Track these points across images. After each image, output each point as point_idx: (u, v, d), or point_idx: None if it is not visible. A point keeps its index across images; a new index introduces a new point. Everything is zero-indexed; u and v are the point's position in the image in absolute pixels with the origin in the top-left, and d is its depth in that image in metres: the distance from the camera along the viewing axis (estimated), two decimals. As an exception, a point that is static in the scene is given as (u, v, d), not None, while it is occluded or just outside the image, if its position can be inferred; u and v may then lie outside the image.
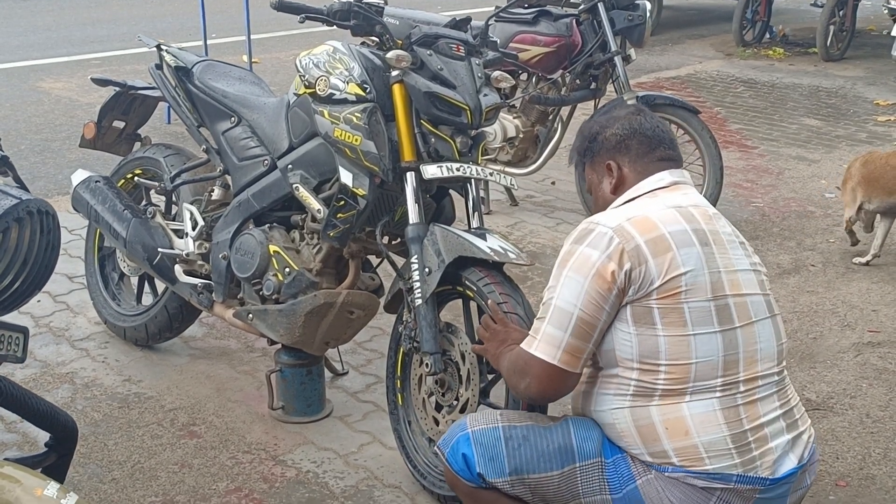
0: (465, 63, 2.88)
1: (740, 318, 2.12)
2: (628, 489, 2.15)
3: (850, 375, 3.64)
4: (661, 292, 2.06)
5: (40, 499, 1.71)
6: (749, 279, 2.17)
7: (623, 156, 2.28)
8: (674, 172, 2.27)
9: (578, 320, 2.09)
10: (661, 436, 2.09)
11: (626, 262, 2.06)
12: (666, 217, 2.14)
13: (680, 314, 2.07)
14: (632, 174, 2.27)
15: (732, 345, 2.11)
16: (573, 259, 2.12)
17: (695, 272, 2.08)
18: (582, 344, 2.12)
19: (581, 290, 2.09)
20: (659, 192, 2.23)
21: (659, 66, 9.35)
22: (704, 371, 2.08)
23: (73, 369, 3.59)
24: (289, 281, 3.03)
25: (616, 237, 2.09)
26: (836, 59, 9.64)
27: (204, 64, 3.48)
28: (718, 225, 2.20)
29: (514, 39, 4.96)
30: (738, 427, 2.09)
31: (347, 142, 2.85)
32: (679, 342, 2.07)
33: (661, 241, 2.09)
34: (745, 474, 2.08)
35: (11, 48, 9.01)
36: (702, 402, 2.08)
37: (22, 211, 1.84)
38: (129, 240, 3.47)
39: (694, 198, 2.24)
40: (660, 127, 2.32)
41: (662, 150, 2.28)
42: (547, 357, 2.12)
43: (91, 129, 3.82)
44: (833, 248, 4.90)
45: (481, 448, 2.23)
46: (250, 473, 3.00)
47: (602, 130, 2.32)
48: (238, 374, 3.59)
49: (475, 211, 2.92)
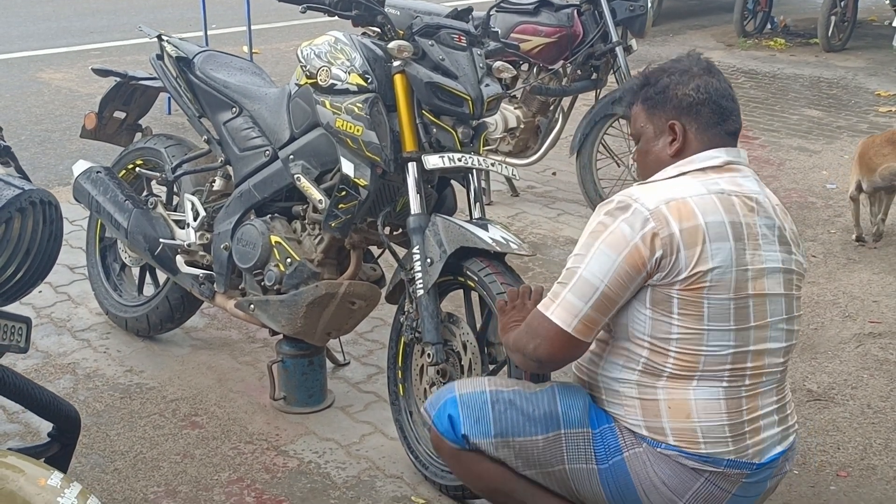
0: (467, 53, 2.88)
1: (756, 318, 2.12)
2: (614, 460, 2.17)
3: (852, 366, 3.64)
4: (684, 283, 2.05)
5: (43, 488, 1.71)
6: (776, 279, 2.14)
7: (692, 121, 2.18)
8: (730, 151, 2.19)
9: (602, 295, 2.08)
10: (662, 413, 2.12)
11: (658, 249, 2.04)
12: (706, 205, 2.08)
13: (698, 307, 2.06)
14: (696, 142, 2.18)
15: (744, 342, 2.11)
16: (607, 232, 2.08)
17: (722, 269, 2.05)
18: (600, 317, 2.12)
19: (612, 267, 2.06)
20: (709, 171, 2.16)
21: (660, 57, 9.30)
22: (713, 361, 2.09)
23: (74, 360, 3.59)
24: (290, 271, 3.03)
25: (652, 220, 2.05)
26: (837, 49, 9.62)
27: (205, 54, 3.47)
28: (757, 218, 2.13)
29: (516, 30, 4.95)
30: (737, 417, 2.13)
31: (349, 132, 2.85)
32: (692, 333, 2.08)
33: (695, 231, 2.05)
34: (735, 459, 2.12)
35: (11, 38, 9.00)
36: (708, 389, 2.11)
37: (24, 201, 1.84)
38: (130, 230, 3.47)
39: (742, 183, 2.16)
40: (731, 95, 2.22)
41: (731, 123, 2.20)
42: (562, 323, 2.11)
43: (92, 120, 3.82)
44: (834, 238, 4.90)
45: (468, 410, 2.26)
46: (252, 464, 3.00)
47: (674, 86, 2.19)
48: (240, 365, 3.60)
49: (477, 201, 2.92)
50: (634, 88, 2.29)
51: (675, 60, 2.27)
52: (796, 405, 3.33)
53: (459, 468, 2.34)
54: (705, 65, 2.24)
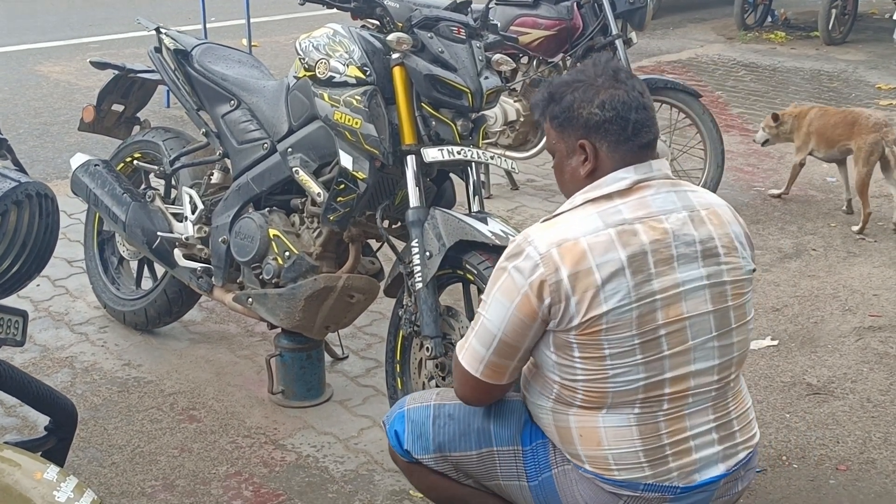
0: (466, 46, 2.86)
1: (671, 345, 2.00)
2: (544, 477, 2.15)
3: (851, 360, 3.63)
4: (579, 329, 1.97)
5: (40, 482, 1.71)
6: (697, 297, 2.02)
7: (602, 139, 2.06)
8: (640, 168, 2.06)
9: (501, 342, 2.04)
10: (575, 441, 2.07)
11: (546, 297, 1.97)
12: (600, 244, 1.97)
13: (599, 349, 1.98)
14: (608, 160, 2.07)
15: (657, 371, 2.01)
16: (502, 280, 2.04)
17: (620, 309, 1.96)
18: (505, 361, 2.08)
19: (506, 315, 2.02)
20: (615, 197, 2.05)
21: (660, 50, 9.32)
22: (622, 394, 2.01)
23: (72, 353, 3.58)
24: (289, 265, 3.02)
25: (541, 266, 1.97)
26: (837, 42, 9.61)
27: (203, 47, 3.46)
28: (670, 238, 2.00)
29: (515, 23, 4.93)
30: (654, 442, 2.03)
31: (347, 125, 2.83)
32: (595, 372, 2.00)
33: (585, 275, 1.96)
34: (655, 483, 2.04)
35: (9, 31, 8.98)
36: (618, 416, 2.03)
37: (21, 194, 1.82)
38: (128, 224, 3.46)
39: (651, 203, 2.04)
40: (641, 104, 2.07)
41: (644, 135, 2.07)
42: (470, 369, 2.10)
43: (90, 113, 3.80)
44: (834, 232, 4.89)
45: (412, 425, 2.26)
46: (250, 458, 3.00)
47: (579, 104, 2.07)
48: (238, 359, 3.59)
49: (476, 194, 2.91)
50: (541, 105, 2.17)
51: (579, 70, 2.14)
52: (795, 399, 3.35)
53: (412, 480, 2.37)
54: (611, 73, 2.09)
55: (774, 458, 3.03)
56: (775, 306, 4.06)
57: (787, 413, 3.29)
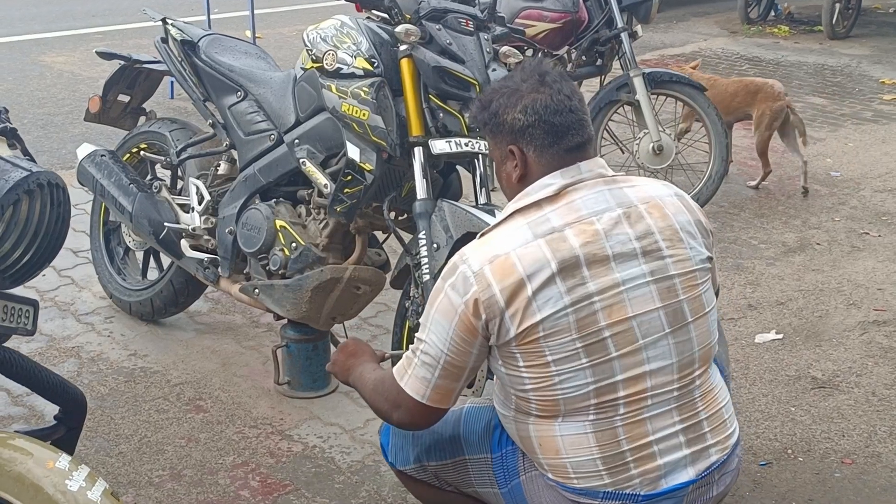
0: (474, 38, 2.87)
1: (619, 346, 1.96)
2: (513, 483, 2.15)
3: (856, 354, 3.64)
4: (519, 339, 1.96)
5: (52, 471, 1.71)
6: (642, 295, 1.98)
7: (528, 144, 2.05)
8: (567, 172, 2.03)
9: (446, 363, 2.02)
10: (536, 450, 2.05)
11: (482, 313, 1.96)
12: (529, 255, 1.95)
13: (541, 356, 1.96)
14: (537, 165, 2.05)
15: (607, 374, 1.97)
16: (439, 300, 2.02)
17: (553, 316, 1.93)
18: (452, 384, 2.05)
19: (447, 336, 2.00)
20: (544, 204, 2.01)
21: (664, 44, 9.31)
22: (573, 401, 1.98)
23: (78, 343, 3.59)
24: (295, 256, 3.03)
25: (475, 283, 1.96)
26: (841, 37, 9.59)
27: (210, 38, 3.46)
28: (604, 240, 1.98)
29: (520, 15, 4.92)
30: (613, 448, 1.99)
31: (355, 116, 2.84)
32: (541, 379, 1.98)
33: (516, 288, 1.94)
34: (615, 491, 2.00)
35: (13, 21, 8.97)
36: (573, 424, 1.99)
37: (32, 183, 1.83)
38: (135, 214, 3.46)
39: (580, 207, 2.01)
40: (567, 107, 2.04)
41: (570, 139, 2.04)
42: (416, 395, 2.06)
43: (96, 103, 3.80)
44: (838, 226, 4.89)
45: (395, 438, 2.30)
46: (257, 448, 3.00)
47: (504, 110, 2.06)
48: (243, 350, 3.60)
49: (483, 187, 2.91)
50: (474, 112, 2.18)
51: (508, 76, 2.15)
52: (801, 392, 3.35)
53: (406, 485, 2.40)
54: (537, 77, 2.06)
55: (780, 452, 3.04)
56: (780, 300, 4.07)
57: (793, 406, 3.30)
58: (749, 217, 4.99)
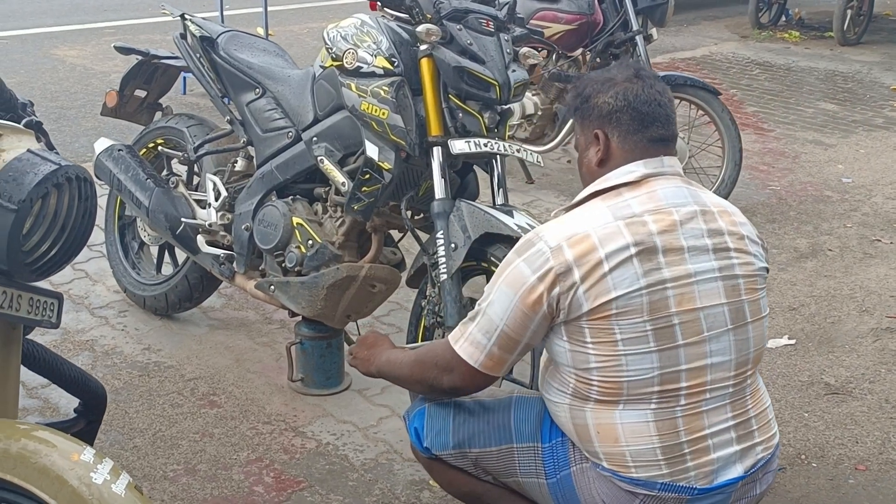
0: (494, 39, 2.87)
1: (686, 335, 2.00)
2: (562, 474, 2.14)
3: (869, 360, 3.64)
4: (590, 315, 1.98)
5: (77, 463, 1.71)
6: (710, 289, 2.03)
7: (613, 128, 2.11)
8: (650, 163, 2.09)
9: (502, 334, 2.05)
10: (593, 438, 2.05)
11: (555, 287, 1.98)
12: (608, 234, 2.00)
13: (610, 334, 1.99)
14: (619, 151, 2.11)
15: (672, 362, 2.00)
16: (508, 271, 2.05)
17: (628, 295, 1.96)
18: (505, 354, 2.08)
19: (509, 306, 2.03)
20: (623, 191, 2.07)
21: (674, 47, 9.30)
22: (638, 386, 2.00)
23: (92, 337, 3.60)
24: (311, 253, 3.03)
25: (551, 259, 1.99)
26: (852, 43, 9.57)
27: (229, 34, 3.46)
28: (683, 230, 2.03)
29: (536, 16, 4.93)
30: (672, 439, 2.02)
31: (374, 115, 2.84)
32: (608, 359, 2.00)
33: (594, 264, 1.98)
34: (672, 483, 2.02)
35: (25, 14, 8.98)
36: (635, 412, 2.01)
37: (61, 177, 1.83)
38: (151, 209, 3.47)
39: (660, 197, 2.06)
40: (657, 100, 2.11)
41: (655, 129, 2.10)
42: (469, 359, 2.09)
43: (113, 98, 3.81)
44: (850, 233, 4.89)
45: (431, 421, 2.27)
46: (270, 444, 3.01)
47: (595, 94, 2.14)
48: (257, 346, 3.60)
49: (500, 187, 2.92)
50: (569, 100, 2.25)
51: (604, 69, 2.24)
52: (813, 398, 3.36)
53: (433, 475, 2.38)
54: (632, 72, 2.14)
55: (793, 457, 3.04)
56: (792, 305, 4.07)
57: (806, 412, 3.30)
58: (761, 222, 4.99)
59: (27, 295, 1.91)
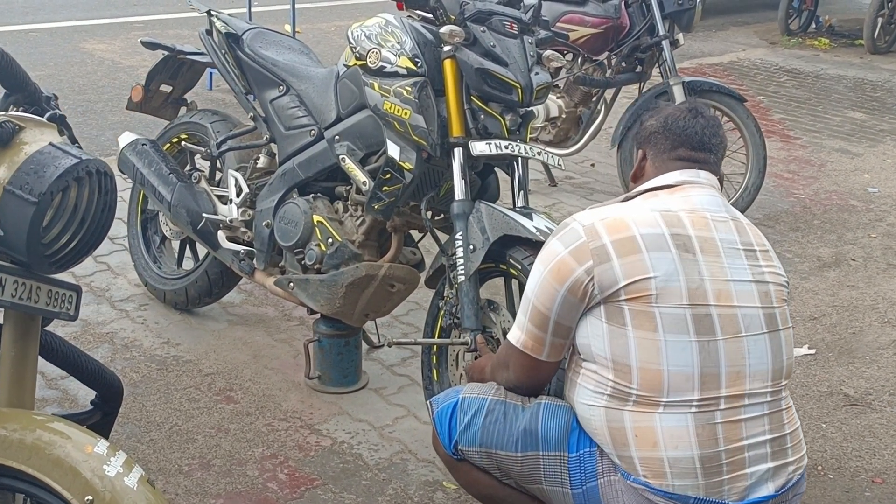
0: (518, 41, 2.87)
1: (725, 330, 2.01)
2: (589, 486, 2.13)
3: (890, 372, 3.60)
4: (629, 293, 2.00)
5: (90, 455, 1.73)
6: (746, 290, 2.06)
7: (651, 147, 2.26)
8: (686, 172, 2.18)
9: (533, 308, 2.11)
10: (629, 442, 2.03)
11: (587, 260, 2.02)
12: (643, 219, 2.06)
13: (650, 318, 1.99)
14: (650, 168, 2.25)
15: (712, 357, 2.00)
16: (544, 250, 2.13)
17: (666, 277, 1.99)
18: (539, 332, 2.11)
19: (538, 280, 2.09)
20: (660, 193, 2.17)
21: (702, 52, 9.26)
22: (679, 381, 1.99)
23: (112, 329, 3.62)
24: (331, 251, 3.04)
25: (584, 235, 2.05)
26: (882, 51, 9.49)
27: (254, 31, 3.48)
28: (717, 232, 2.09)
29: (562, 19, 4.91)
30: (711, 447, 2.00)
31: (396, 115, 2.85)
32: (649, 345, 1.99)
33: (629, 242, 2.02)
34: (704, 497, 2.00)
35: (56, 7, 9.06)
36: (675, 416, 2.00)
37: (82, 171, 1.84)
38: (174, 204, 3.49)
39: (695, 200, 2.13)
40: (694, 129, 2.21)
41: (683, 150, 2.21)
42: (513, 339, 2.17)
43: (139, 92, 3.84)
44: (874, 243, 4.85)
45: (464, 416, 2.27)
46: (286, 441, 3.02)
47: (647, 119, 2.32)
48: (275, 342, 3.62)
49: (521, 190, 2.92)
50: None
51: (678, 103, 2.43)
52: (832, 409, 3.33)
53: (454, 473, 2.37)
54: (686, 105, 2.29)
55: (810, 468, 3.00)
56: (813, 315, 4.04)
57: (824, 423, 3.27)
58: (784, 230, 4.96)
59: (46, 287, 1.92)
